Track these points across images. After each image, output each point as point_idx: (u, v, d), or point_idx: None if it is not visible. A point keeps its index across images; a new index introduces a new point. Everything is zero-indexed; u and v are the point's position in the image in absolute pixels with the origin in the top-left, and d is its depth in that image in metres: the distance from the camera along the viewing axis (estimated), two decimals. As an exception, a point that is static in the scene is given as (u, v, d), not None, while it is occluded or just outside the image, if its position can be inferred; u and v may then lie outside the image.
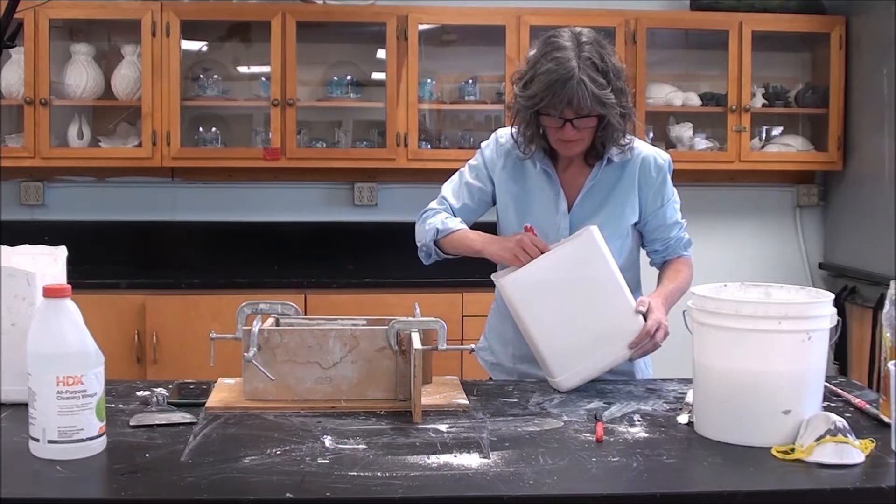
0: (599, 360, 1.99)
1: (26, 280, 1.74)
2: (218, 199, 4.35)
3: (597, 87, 1.99)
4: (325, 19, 4.09)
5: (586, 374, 1.99)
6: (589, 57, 2.00)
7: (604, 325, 1.98)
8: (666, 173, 2.20)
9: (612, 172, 2.17)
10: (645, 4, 4.28)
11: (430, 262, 2.26)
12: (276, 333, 1.84)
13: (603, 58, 2.03)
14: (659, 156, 2.21)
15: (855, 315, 4.18)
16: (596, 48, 2.03)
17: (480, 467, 1.49)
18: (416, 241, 2.26)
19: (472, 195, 2.25)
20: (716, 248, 4.53)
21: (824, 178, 4.58)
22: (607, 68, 2.02)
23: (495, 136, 2.26)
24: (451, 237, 2.18)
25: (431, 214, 2.24)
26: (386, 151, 4.10)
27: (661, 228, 2.22)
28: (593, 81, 1.98)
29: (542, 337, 1.98)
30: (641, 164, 2.18)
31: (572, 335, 1.97)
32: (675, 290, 2.17)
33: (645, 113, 4.18)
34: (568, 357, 1.97)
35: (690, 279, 2.23)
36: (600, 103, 2.00)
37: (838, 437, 1.53)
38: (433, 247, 2.21)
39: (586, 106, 1.99)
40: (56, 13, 3.88)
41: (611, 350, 1.99)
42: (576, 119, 2.02)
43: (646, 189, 2.18)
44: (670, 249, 2.25)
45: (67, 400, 1.49)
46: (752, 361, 1.61)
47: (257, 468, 1.47)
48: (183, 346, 3.74)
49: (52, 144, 3.96)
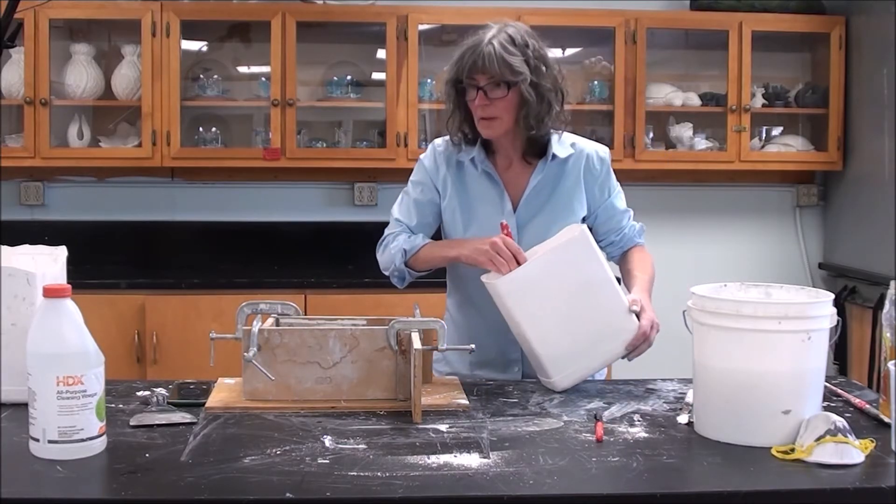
0: (594, 360, 1.99)
1: (26, 280, 1.74)
2: (218, 199, 4.35)
3: (506, 53, 2.03)
4: (325, 19, 4.10)
5: (582, 373, 1.99)
6: (509, 34, 2.07)
7: (599, 325, 1.98)
8: (609, 165, 2.24)
9: (555, 168, 2.19)
10: (645, 4, 4.28)
11: (404, 284, 2.25)
12: (276, 333, 1.84)
13: (523, 37, 2.08)
14: (600, 149, 2.25)
15: (855, 315, 4.18)
16: (517, 31, 2.09)
17: (480, 467, 1.49)
18: (382, 268, 2.25)
19: (422, 211, 2.23)
20: (716, 248, 4.54)
21: (824, 178, 4.58)
22: (526, 46, 2.07)
23: (433, 145, 2.27)
24: (419, 254, 2.17)
25: (392, 239, 2.22)
26: (386, 151, 4.11)
27: (612, 219, 2.25)
28: (503, 48, 2.04)
29: (538, 338, 1.98)
30: (582, 158, 2.20)
31: (568, 335, 1.96)
32: (651, 280, 2.20)
33: (645, 113, 4.18)
34: (564, 357, 1.97)
35: (654, 266, 2.26)
36: (509, 69, 2.04)
37: (838, 437, 1.53)
38: (405, 269, 2.19)
39: (493, 69, 2.03)
40: (56, 13, 3.88)
41: (606, 349, 1.99)
42: (487, 86, 2.05)
43: (591, 182, 2.21)
44: (626, 239, 2.28)
45: (67, 400, 1.49)
46: (752, 361, 1.61)
47: (257, 468, 1.47)
48: (183, 346, 3.74)
49: (52, 144, 3.96)
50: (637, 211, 2.33)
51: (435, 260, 2.17)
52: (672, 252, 4.38)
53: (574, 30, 4.22)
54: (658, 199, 4.45)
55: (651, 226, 2.43)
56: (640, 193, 3.83)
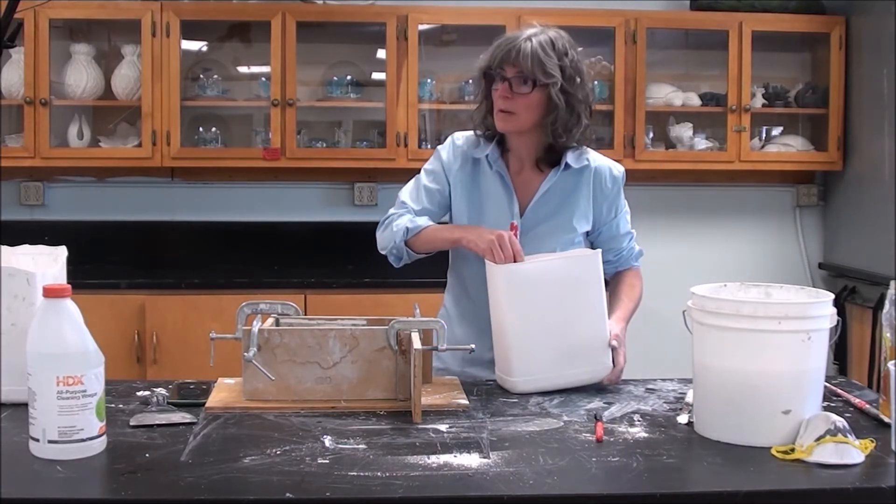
0: (561, 377, 1.98)
1: (26, 280, 1.74)
2: (218, 199, 4.35)
3: (542, 53, 2.04)
4: (325, 19, 4.10)
5: (543, 384, 1.97)
6: (550, 38, 2.08)
7: (577, 348, 1.98)
8: (620, 185, 2.24)
9: (567, 180, 2.19)
10: (645, 4, 4.28)
11: (400, 264, 2.25)
12: (276, 333, 1.84)
13: (566, 47, 2.09)
14: (614, 167, 2.24)
15: (855, 315, 4.18)
16: (563, 39, 2.10)
17: (480, 467, 1.49)
18: (381, 247, 2.25)
19: (431, 199, 2.24)
20: (716, 248, 4.54)
21: (824, 178, 4.58)
22: (565, 54, 2.08)
23: (452, 138, 2.28)
24: (421, 234, 2.17)
25: (396, 217, 2.23)
26: (386, 151, 4.10)
27: (614, 239, 2.26)
28: (541, 47, 2.05)
29: (516, 333, 1.98)
30: (596, 174, 2.21)
31: (546, 344, 1.96)
32: (634, 308, 2.23)
33: (645, 113, 4.18)
34: (534, 363, 1.97)
35: (642, 293, 2.28)
36: (541, 68, 2.04)
37: (838, 437, 1.53)
38: (404, 248, 2.19)
39: (524, 64, 2.04)
40: (56, 13, 3.88)
41: (574, 372, 1.99)
42: (513, 79, 2.05)
43: (601, 199, 2.22)
44: (623, 260, 2.29)
45: (67, 400, 1.49)
46: (752, 361, 1.61)
47: (257, 468, 1.47)
48: (183, 346, 3.74)
49: (52, 144, 3.96)
50: (637, 211, 2.33)
51: (436, 241, 2.17)
52: (672, 252, 4.39)
53: (574, 30, 4.12)
54: (658, 199, 4.45)
55: (651, 226, 2.44)
56: (640, 193, 3.84)
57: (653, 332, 3.59)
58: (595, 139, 2.32)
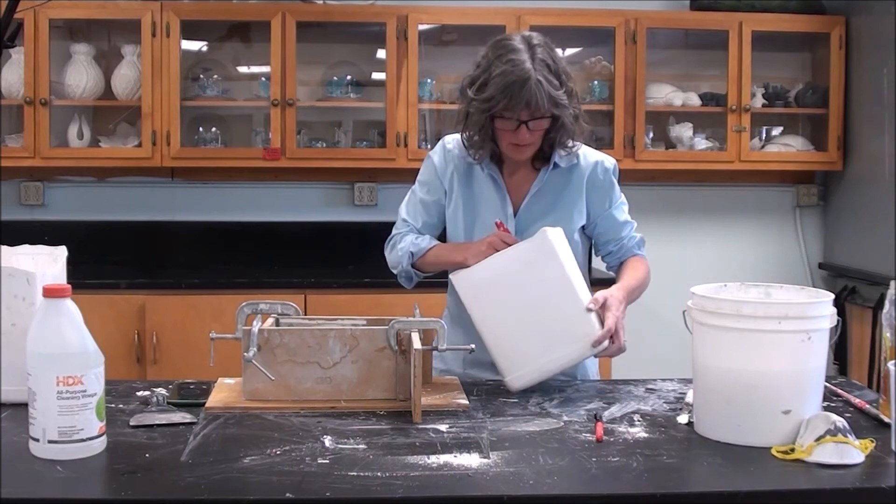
0: (550, 363, 1.96)
1: (26, 280, 1.74)
2: (218, 199, 4.35)
3: (552, 88, 2.01)
4: (325, 19, 4.09)
5: (536, 375, 1.96)
6: (542, 59, 2.03)
7: (553, 327, 1.96)
8: (612, 176, 2.23)
9: (559, 177, 2.19)
10: (645, 4, 4.28)
11: (411, 285, 2.28)
12: (276, 333, 1.84)
13: (554, 60, 2.05)
14: (606, 160, 2.24)
15: (855, 315, 4.18)
16: (547, 51, 2.05)
17: (480, 467, 1.49)
18: (391, 267, 2.27)
19: (429, 212, 2.25)
20: (716, 248, 4.54)
21: (824, 178, 4.58)
22: (559, 70, 2.05)
23: (442, 142, 2.27)
24: (426, 256, 2.20)
25: (399, 239, 2.25)
26: (386, 151, 4.10)
27: (612, 229, 2.24)
28: (549, 82, 2.01)
29: (492, 335, 1.98)
30: (587, 168, 2.20)
31: (521, 335, 1.96)
32: (637, 285, 2.16)
33: (645, 113, 4.18)
34: (517, 357, 1.96)
35: (649, 276, 2.23)
36: (555, 104, 2.02)
37: (838, 437, 1.53)
38: (412, 271, 2.22)
39: (543, 107, 2.01)
40: (56, 13, 3.88)
41: (562, 353, 1.96)
42: (531, 121, 2.03)
43: (593, 192, 2.21)
44: (624, 250, 2.26)
45: (67, 400, 1.49)
46: (752, 361, 1.61)
47: (257, 468, 1.47)
48: (183, 346, 3.74)
49: (52, 144, 3.96)
50: (637, 211, 2.33)
51: (441, 264, 2.20)
52: (672, 252, 4.39)
53: (574, 30, 4.22)
54: (658, 199, 4.45)
55: (651, 226, 2.43)
56: (640, 193, 3.83)
57: (653, 332, 3.59)
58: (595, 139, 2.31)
